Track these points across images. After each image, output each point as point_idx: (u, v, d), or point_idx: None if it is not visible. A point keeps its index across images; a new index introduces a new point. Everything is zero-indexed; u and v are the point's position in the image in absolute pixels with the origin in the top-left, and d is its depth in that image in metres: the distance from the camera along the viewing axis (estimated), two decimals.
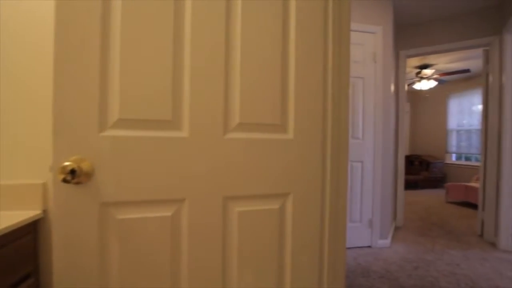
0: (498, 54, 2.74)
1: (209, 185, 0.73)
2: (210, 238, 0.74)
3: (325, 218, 0.89)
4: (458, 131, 6.14)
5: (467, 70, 4.68)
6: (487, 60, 2.92)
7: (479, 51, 3.66)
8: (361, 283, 1.92)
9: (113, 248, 0.68)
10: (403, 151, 3.35)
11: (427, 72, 4.82)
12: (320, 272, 0.89)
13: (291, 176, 0.80)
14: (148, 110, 0.68)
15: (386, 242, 2.63)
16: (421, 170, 6.33)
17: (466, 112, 5.96)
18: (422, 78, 4.93)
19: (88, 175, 0.65)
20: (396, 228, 3.21)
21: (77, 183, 0.64)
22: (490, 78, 2.84)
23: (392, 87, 2.90)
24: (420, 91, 6.48)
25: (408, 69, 4.96)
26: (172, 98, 0.70)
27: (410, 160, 6.50)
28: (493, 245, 2.69)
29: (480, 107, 5.14)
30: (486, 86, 2.93)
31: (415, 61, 4.74)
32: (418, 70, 4.96)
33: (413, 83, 5.17)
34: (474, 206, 4.26)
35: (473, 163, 5.80)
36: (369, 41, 2.53)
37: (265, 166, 0.78)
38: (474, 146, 5.76)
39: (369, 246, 2.60)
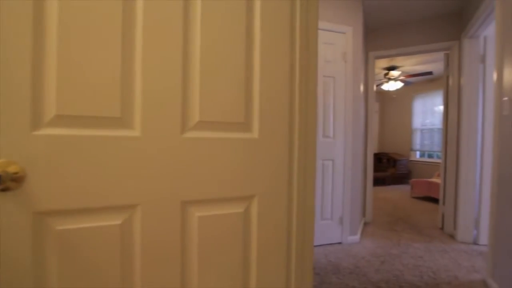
0: (457, 57, 2.91)
1: (165, 189, 0.66)
2: (168, 246, 0.67)
3: (292, 220, 0.86)
4: (421, 130, 6.51)
5: (430, 73, 4.96)
6: (447, 63, 3.10)
7: (441, 55, 3.88)
8: (331, 280, 1.94)
9: (52, 265, 0.59)
10: (372, 149, 3.47)
11: (394, 73, 5.04)
12: (287, 275, 0.86)
13: (256, 177, 0.76)
14: (92, 105, 0.60)
15: (356, 238, 2.70)
16: (389, 167, 6.64)
17: (429, 112, 6.34)
18: (389, 79, 5.14)
19: (18, 180, 0.56)
20: (365, 224, 3.32)
21: (4, 190, 0.55)
22: (450, 81, 3.01)
23: (362, 87, 2.98)
24: (388, 91, 6.79)
25: (376, 70, 5.16)
26: (121, 93, 0.62)
27: (379, 158, 6.80)
28: (452, 237, 2.87)
29: (441, 107, 5.48)
30: (447, 87, 3.10)
31: (383, 63, 4.94)
32: (386, 71, 5.17)
33: (382, 83, 5.39)
34: (436, 201, 4.54)
35: (435, 160, 6.19)
36: (340, 41, 2.56)
37: (228, 167, 0.72)
38: (436, 144, 6.14)
39: (339, 243, 2.66)
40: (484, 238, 2.62)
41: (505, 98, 1.70)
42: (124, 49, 0.62)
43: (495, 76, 1.85)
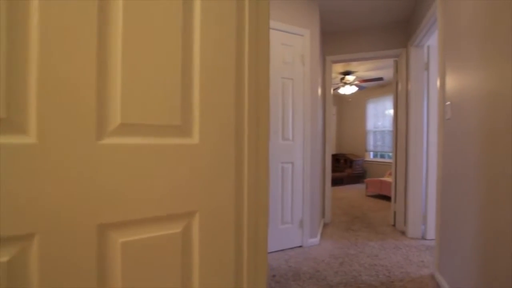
0: (405, 65, 3.10)
1: (74, 210, 0.52)
2: (80, 284, 0.53)
3: (243, 236, 0.76)
4: (374, 132, 6.93)
5: (381, 78, 5.29)
6: (396, 69, 3.29)
7: (391, 62, 4.12)
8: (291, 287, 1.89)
9: None
10: (330, 151, 3.55)
11: (350, 78, 5.28)
12: None
13: (197, 189, 0.65)
14: None
15: (316, 240, 2.71)
16: (346, 168, 6.94)
17: (380, 115, 6.77)
18: (345, 83, 5.37)
19: None
20: (325, 225, 3.37)
21: None
22: (399, 86, 3.20)
23: (320, 90, 3.02)
24: (344, 95, 7.11)
25: (333, 75, 5.35)
26: (6, 86, 0.47)
27: (337, 159, 7.07)
28: (403, 233, 3.03)
29: (391, 111, 5.88)
30: (396, 93, 3.29)
31: (339, 67, 5.13)
32: (342, 76, 5.40)
33: (338, 87, 5.61)
34: (388, 198, 4.82)
35: (386, 160, 6.61)
36: (298, 43, 2.56)
37: (161, 180, 0.60)
38: (387, 145, 6.58)
39: (300, 246, 2.64)
40: (431, 233, 2.81)
41: (448, 103, 1.81)
42: (10, 31, 0.47)
43: (438, 82, 1.97)
